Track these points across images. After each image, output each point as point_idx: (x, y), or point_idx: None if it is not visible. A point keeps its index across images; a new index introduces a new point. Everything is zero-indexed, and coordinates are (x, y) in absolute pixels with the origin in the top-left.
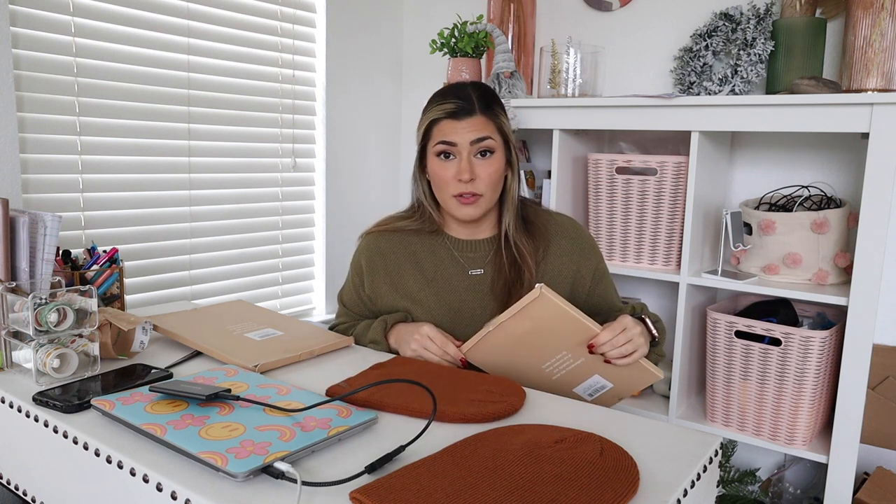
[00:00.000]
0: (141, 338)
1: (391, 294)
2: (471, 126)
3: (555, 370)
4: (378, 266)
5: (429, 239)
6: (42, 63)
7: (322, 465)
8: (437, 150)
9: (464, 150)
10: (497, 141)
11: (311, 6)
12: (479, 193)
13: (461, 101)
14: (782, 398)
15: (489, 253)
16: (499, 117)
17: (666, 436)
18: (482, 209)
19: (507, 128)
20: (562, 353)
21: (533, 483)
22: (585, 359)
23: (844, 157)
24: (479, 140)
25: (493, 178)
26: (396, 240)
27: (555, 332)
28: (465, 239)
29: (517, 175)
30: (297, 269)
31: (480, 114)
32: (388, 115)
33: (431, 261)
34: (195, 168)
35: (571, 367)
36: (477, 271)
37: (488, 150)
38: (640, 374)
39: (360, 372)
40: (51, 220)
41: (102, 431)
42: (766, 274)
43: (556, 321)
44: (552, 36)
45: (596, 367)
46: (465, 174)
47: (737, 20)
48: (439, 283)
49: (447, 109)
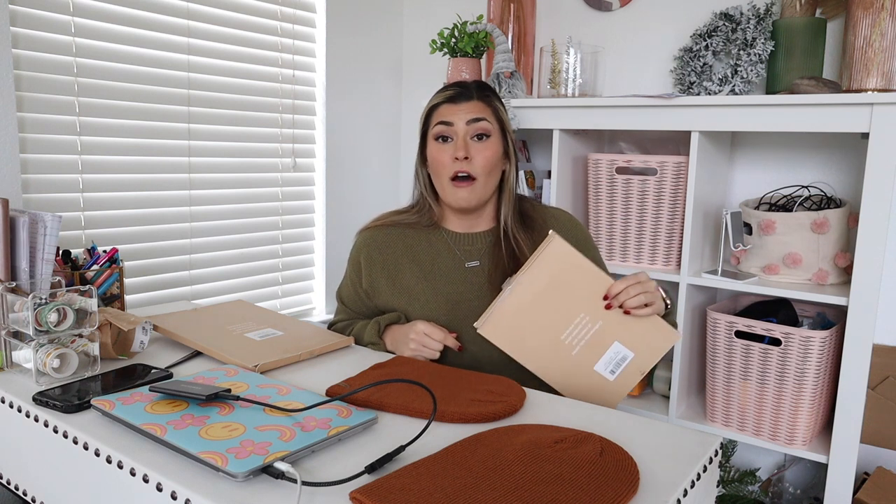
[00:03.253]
0: (141, 338)
1: (388, 287)
2: (467, 108)
3: (574, 340)
4: (375, 260)
5: (426, 232)
6: (42, 63)
7: (322, 465)
8: (436, 133)
9: (460, 131)
10: (493, 126)
11: (311, 6)
12: (474, 176)
13: (459, 87)
14: (782, 398)
15: (486, 246)
16: (495, 104)
17: (666, 436)
18: (476, 195)
19: (505, 117)
20: (580, 317)
21: (533, 483)
22: (603, 321)
23: (844, 157)
24: (474, 120)
25: (489, 160)
26: (394, 234)
27: (570, 286)
28: (463, 232)
29: (514, 167)
30: (297, 269)
31: (478, 99)
32: (388, 115)
33: (428, 254)
34: (195, 168)
35: (590, 333)
36: (473, 263)
37: (484, 134)
38: (659, 333)
39: (360, 372)
40: (51, 220)
41: (102, 431)
42: (766, 274)
43: (571, 271)
44: (552, 36)
45: (615, 332)
46: (460, 151)
47: (737, 20)
48: (436, 275)
49: (446, 95)
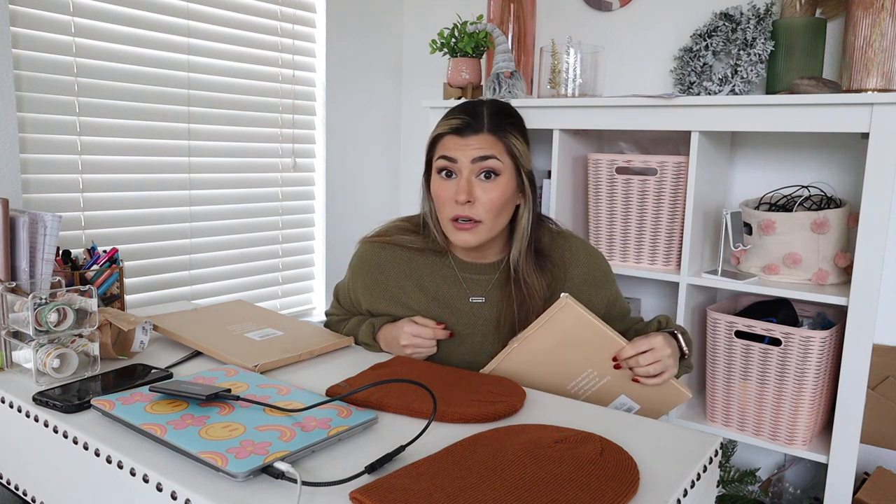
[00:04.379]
0: (141, 338)
1: (392, 308)
2: (475, 143)
3: (580, 390)
4: (378, 280)
5: (432, 258)
6: (42, 63)
7: (322, 465)
8: (438, 167)
9: (464, 169)
10: (505, 163)
11: (311, 6)
12: (478, 219)
13: (468, 117)
14: (782, 398)
15: (493, 278)
16: (509, 138)
17: (666, 436)
18: (480, 237)
19: (520, 151)
20: (587, 371)
21: (533, 483)
22: (612, 377)
23: (844, 157)
24: (481, 158)
25: (495, 203)
26: (398, 255)
27: (580, 345)
28: (471, 262)
29: (530, 205)
30: (296, 269)
31: (488, 132)
32: (388, 115)
33: (433, 280)
34: (195, 168)
35: (597, 385)
36: (478, 299)
37: (492, 172)
38: (668, 393)
39: (360, 372)
40: (51, 220)
41: (102, 431)
42: (766, 274)
43: (582, 332)
44: (552, 36)
45: (622, 387)
46: (461, 195)
47: (737, 20)
48: (441, 302)
49: (453, 125)
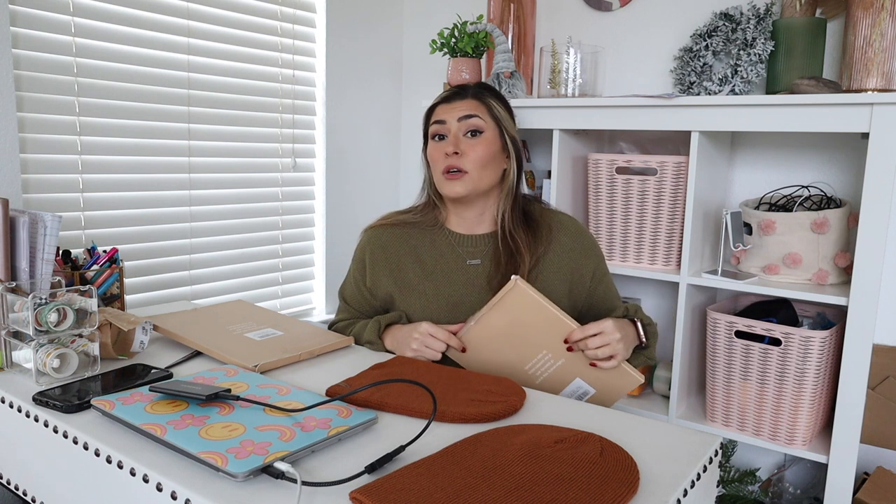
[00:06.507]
0: (141, 338)
1: (391, 285)
2: (460, 106)
3: (538, 372)
4: (379, 259)
5: (429, 232)
6: (42, 63)
7: (322, 465)
8: (432, 132)
9: (452, 127)
10: (487, 123)
11: (311, 6)
12: (465, 170)
13: (457, 88)
14: (782, 398)
15: (487, 247)
16: (490, 102)
17: (666, 436)
18: (467, 186)
19: (502, 115)
20: (542, 353)
21: (533, 483)
22: (566, 360)
23: (844, 157)
24: (466, 117)
25: (481, 156)
26: (398, 233)
27: (532, 327)
28: (465, 233)
29: (515, 166)
30: (297, 269)
31: (472, 98)
32: (388, 115)
33: (431, 253)
34: (195, 168)
35: (553, 368)
36: (475, 261)
37: (477, 130)
38: (620, 378)
39: (360, 372)
40: (51, 220)
41: (102, 431)
42: (766, 274)
43: (534, 314)
44: (552, 36)
45: (577, 370)
46: (450, 146)
47: (737, 20)
48: (438, 275)
49: (442, 96)
